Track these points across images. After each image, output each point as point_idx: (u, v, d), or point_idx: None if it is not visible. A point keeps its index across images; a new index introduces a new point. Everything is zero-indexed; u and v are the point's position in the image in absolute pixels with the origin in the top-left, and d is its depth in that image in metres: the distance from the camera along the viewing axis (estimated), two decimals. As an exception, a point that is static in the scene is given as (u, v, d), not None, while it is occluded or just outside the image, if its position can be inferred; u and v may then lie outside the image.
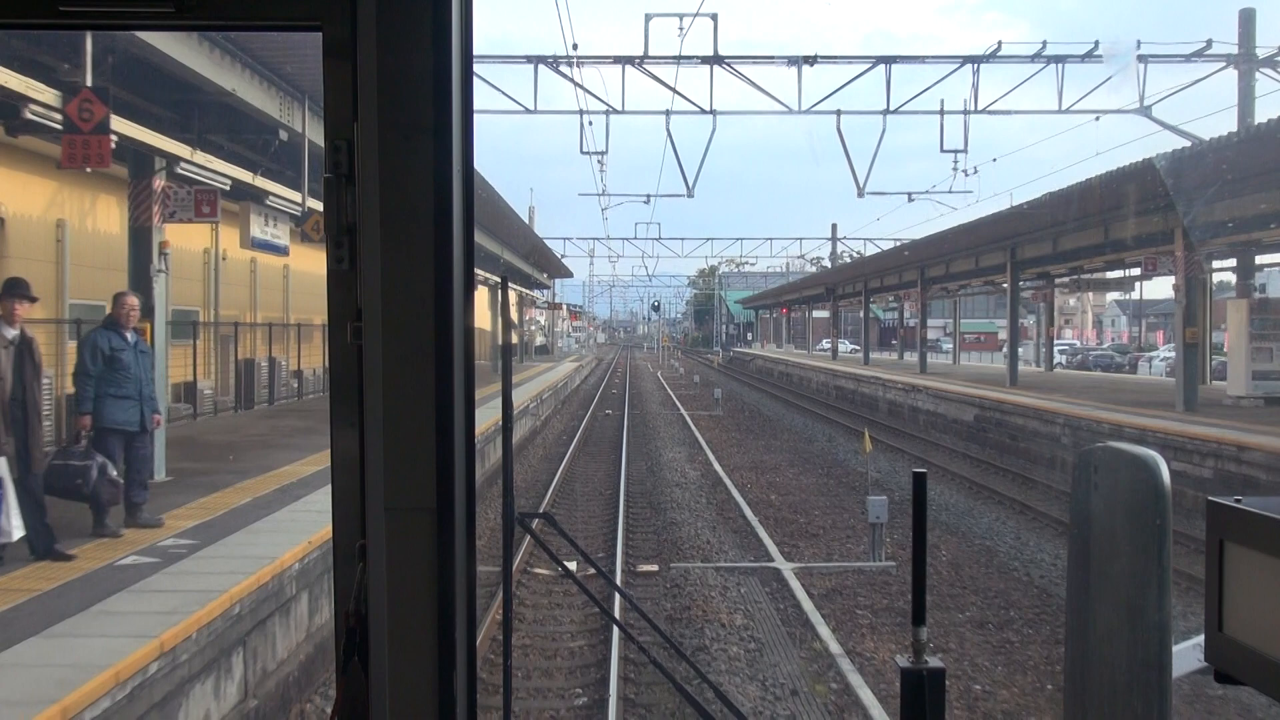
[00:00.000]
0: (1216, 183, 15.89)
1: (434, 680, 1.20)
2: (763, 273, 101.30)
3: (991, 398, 22.89)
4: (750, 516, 14.14)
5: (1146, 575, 1.08)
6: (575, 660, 8.33)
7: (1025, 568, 11.72)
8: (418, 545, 1.19)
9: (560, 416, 29.59)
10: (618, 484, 16.41)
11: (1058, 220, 21.19)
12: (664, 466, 19.19)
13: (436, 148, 1.18)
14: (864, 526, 12.55)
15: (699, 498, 15.88)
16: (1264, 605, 0.95)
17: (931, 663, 1.43)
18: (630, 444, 22.13)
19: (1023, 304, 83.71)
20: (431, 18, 1.17)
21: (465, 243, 1.25)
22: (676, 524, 13.70)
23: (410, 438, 1.19)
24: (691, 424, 26.86)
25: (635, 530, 13.27)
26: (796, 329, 79.30)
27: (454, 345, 1.21)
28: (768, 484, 17.49)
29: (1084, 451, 1.19)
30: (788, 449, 22.47)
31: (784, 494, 16.42)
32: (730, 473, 18.44)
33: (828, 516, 14.62)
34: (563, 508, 14.87)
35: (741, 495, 15.95)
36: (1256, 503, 0.98)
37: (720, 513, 14.69)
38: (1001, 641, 9.02)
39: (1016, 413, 20.78)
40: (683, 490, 16.48)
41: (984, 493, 16.73)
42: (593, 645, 8.60)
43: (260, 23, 1.34)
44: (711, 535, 13.03)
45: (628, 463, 19.15)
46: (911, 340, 70.14)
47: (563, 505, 15.11)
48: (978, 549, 12.69)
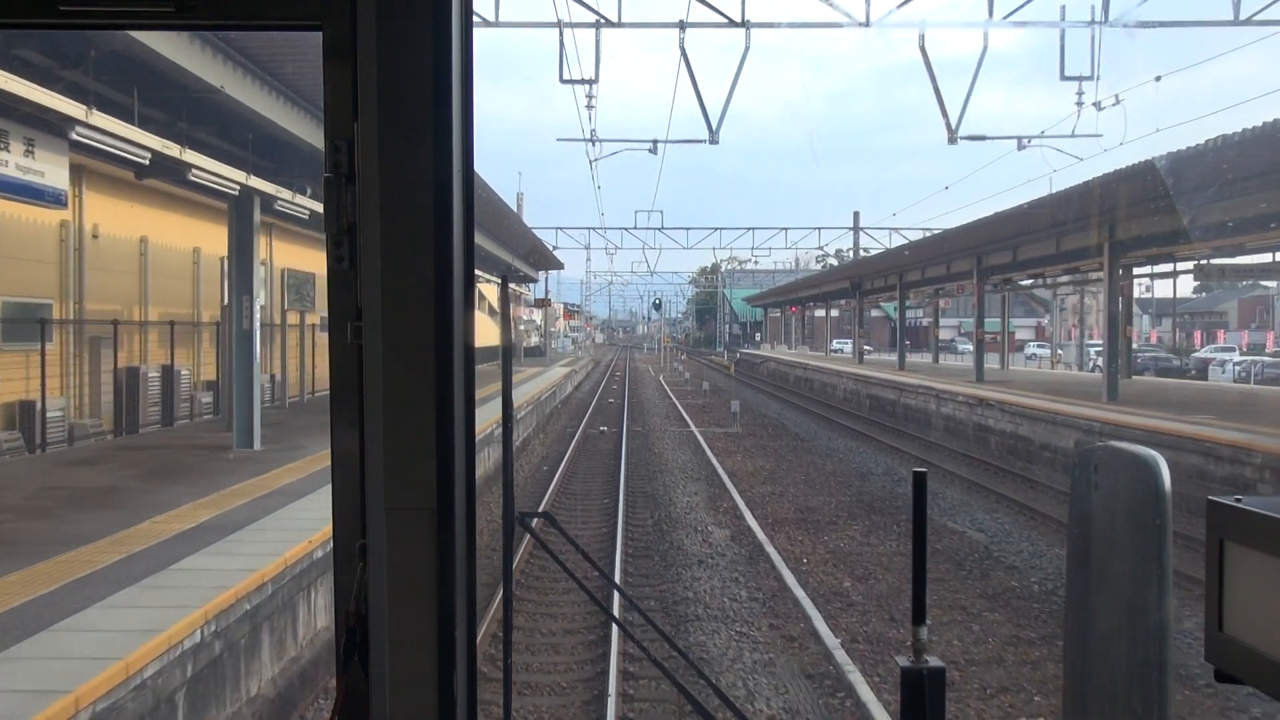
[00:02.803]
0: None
1: (434, 680, 1.19)
2: (769, 270, 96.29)
3: (1101, 419, 17.41)
4: (826, 635, 8.66)
5: (1146, 575, 1.04)
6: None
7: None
8: (418, 545, 1.18)
9: (541, 440, 24.07)
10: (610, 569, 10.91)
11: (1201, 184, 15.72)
12: (676, 523, 13.72)
13: (436, 148, 1.18)
14: (1051, 665, 7.14)
15: (734, 587, 10.44)
16: (1264, 605, 0.96)
17: (931, 662, 1.41)
18: (629, 486, 16.64)
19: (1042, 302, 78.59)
20: (431, 18, 1.17)
21: (465, 243, 1.25)
22: (712, 658, 8.23)
23: (410, 438, 1.18)
24: (706, 447, 21.39)
25: (637, 698, 7.80)
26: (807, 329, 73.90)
27: (454, 345, 1.21)
28: (831, 555, 12.03)
29: (1084, 451, 1.15)
30: (839, 486, 17.00)
31: (863, 578, 10.95)
32: (771, 531, 13.01)
33: (957, 627, 9.17)
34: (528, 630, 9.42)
35: (796, 579, 10.52)
36: (1257, 502, 0.99)
37: (779, 629, 9.21)
38: None
39: (1165, 445, 15.28)
40: (709, 573, 11.03)
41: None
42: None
43: (260, 23, 1.35)
44: (775, 696, 7.58)
45: (625, 520, 13.70)
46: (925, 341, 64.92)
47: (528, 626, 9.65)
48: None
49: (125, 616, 5.53)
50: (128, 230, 18.11)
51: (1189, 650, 7.92)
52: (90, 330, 16.76)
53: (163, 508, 8.48)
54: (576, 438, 22.61)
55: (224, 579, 6.25)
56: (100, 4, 1.22)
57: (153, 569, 6.65)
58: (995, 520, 14.20)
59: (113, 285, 17.79)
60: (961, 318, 79.99)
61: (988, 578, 11.12)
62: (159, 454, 12.73)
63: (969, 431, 23.24)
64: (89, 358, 16.88)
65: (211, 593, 5.94)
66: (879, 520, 14.08)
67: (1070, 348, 53.82)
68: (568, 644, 8.53)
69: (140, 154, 9.84)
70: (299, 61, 12.51)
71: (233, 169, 10.61)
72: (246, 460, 11.55)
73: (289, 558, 6.84)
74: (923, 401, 26.96)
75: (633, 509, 14.59)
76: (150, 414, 17.72)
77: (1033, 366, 48.13)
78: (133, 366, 17.68)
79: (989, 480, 17.53)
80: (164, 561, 6.80)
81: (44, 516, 8.66)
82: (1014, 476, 17.87)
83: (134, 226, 18.28)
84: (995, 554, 12.20)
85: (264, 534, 7.56)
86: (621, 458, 19.30)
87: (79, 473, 11.62)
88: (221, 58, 10.56)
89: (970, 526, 13.82)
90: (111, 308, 17.72)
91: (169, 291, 19.69)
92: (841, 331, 71.60)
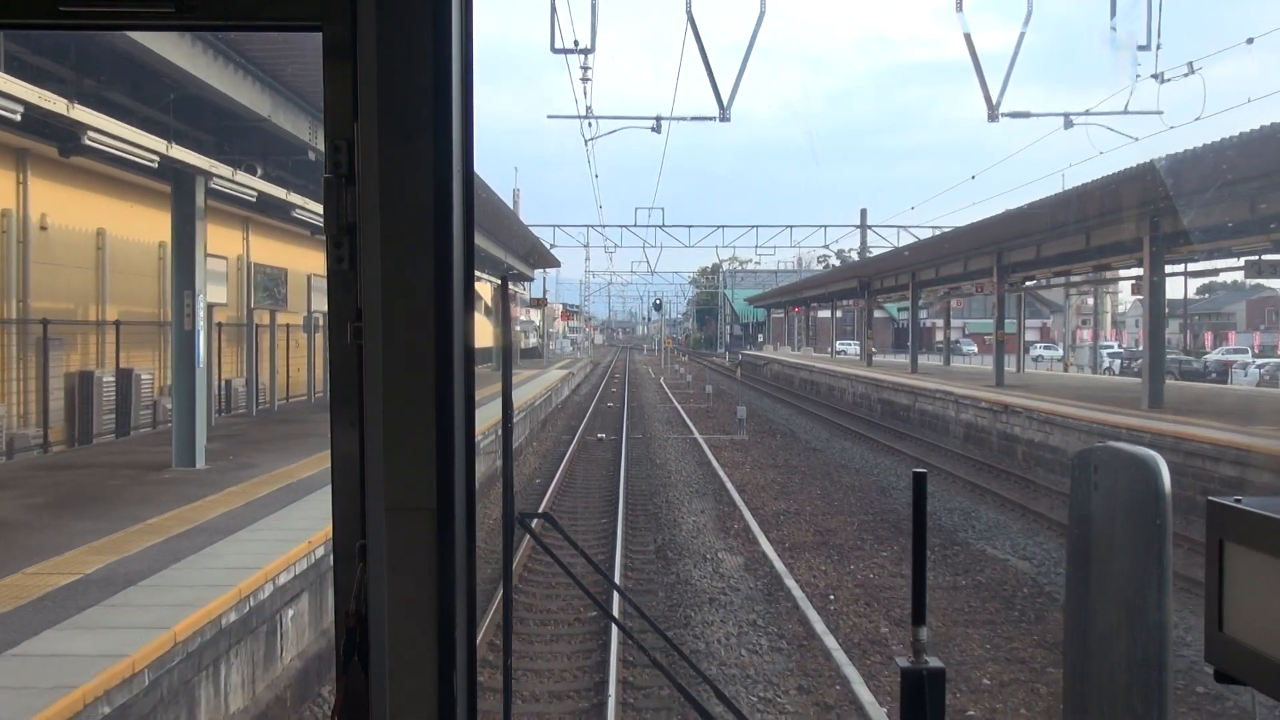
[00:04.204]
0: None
1: (434, 680, 1.19)
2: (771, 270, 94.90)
3: (1142, 428, 15.85)
4: (869, 705, 7.08)
5: (1146, 575, 1.04)
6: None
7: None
8: (418, 545, 1.18)
9: (534, 449, 22.52)
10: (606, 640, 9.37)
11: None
12: (682, 549, 12.15)
13: (436, 148, 1.18)
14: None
15: (753, 633, 8.88)
16: (1264, 605, 0.96)
17: (931, 663, 1.40)
18: (629, 503, 15.08)
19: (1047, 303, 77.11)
20: (431, 18, 1.17)
21: (465, 243, 1.25)
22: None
23: (410, 438, 1.18)
24: (712, 457, 19.83)
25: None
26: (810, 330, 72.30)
27: (454, 345, 1.21)
28: (861, 590, 10.47)
29: (1083, 451, 1.15)
30: (858, 503, 15.43)
31: (902, 620, 9.36)
32: (789, 559, 11.46)
33: (1021, 689, 7.60)
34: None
35: (824, 622, 8.98)
36: (1256, 503, 0.99)
37: (810, 692, 7.64)
38: None
39: (1225, 458, 13.71)
40: (722, 614, 9.46)
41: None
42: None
43: (260, 23, 1.32)
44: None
45: (625, 544, 12.15)
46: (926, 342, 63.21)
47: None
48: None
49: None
50: (82, 221, 16.56)
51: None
52: (36, 332, 15.21)
53: (48, 551, 6.87)
54: (572, 446, 21.05)
55: (75, 673, 4.51)
56: (100, 4, 1.22)
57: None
58: (1039, 546, 12.65)
59: (64, 281, 16.25)
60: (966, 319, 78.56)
61: (1043, 620, 9.58)
62: (85, 474, 11.12)
63: (993, 440, 21.68)
64: (36, 361, 15.32)
65: (45, 698, 4.23)
66: (909, 544, 12.49)
67: (1083, 349, 52.34)
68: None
69: (8, 108, 7.38)
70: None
71: (148, 136, 8.89)
72: (181, 482, 9.94)
73: (186, 628, 5.20)
74: (940, 407, 25.40)
75: (633, 531, 13.05)
76: (106, 423, 16.19)
77: (1043, 369, 46.62)
78: (86, 371, 16.13)
79: (1021, 495, 15.99)
80: (1, 643, 5.09)
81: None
82: (1049, 492, 16.32)
83: (90, 218, 16.73)
84: (1046, 588, 10.65)
85: (160, 593, 5.84)
86: (620, 469, 17.73)
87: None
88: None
89: (1012, 553, 12.28)
90: (63, 306, 16.19)
91: (131, 289, 18.11)
92: (843, 333, 70.05)
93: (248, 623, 5.90)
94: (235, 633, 5.73)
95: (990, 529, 13.74)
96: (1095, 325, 55.85)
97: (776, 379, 51.07)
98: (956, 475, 18.10)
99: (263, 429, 16.43)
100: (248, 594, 5.92)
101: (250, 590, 5.97)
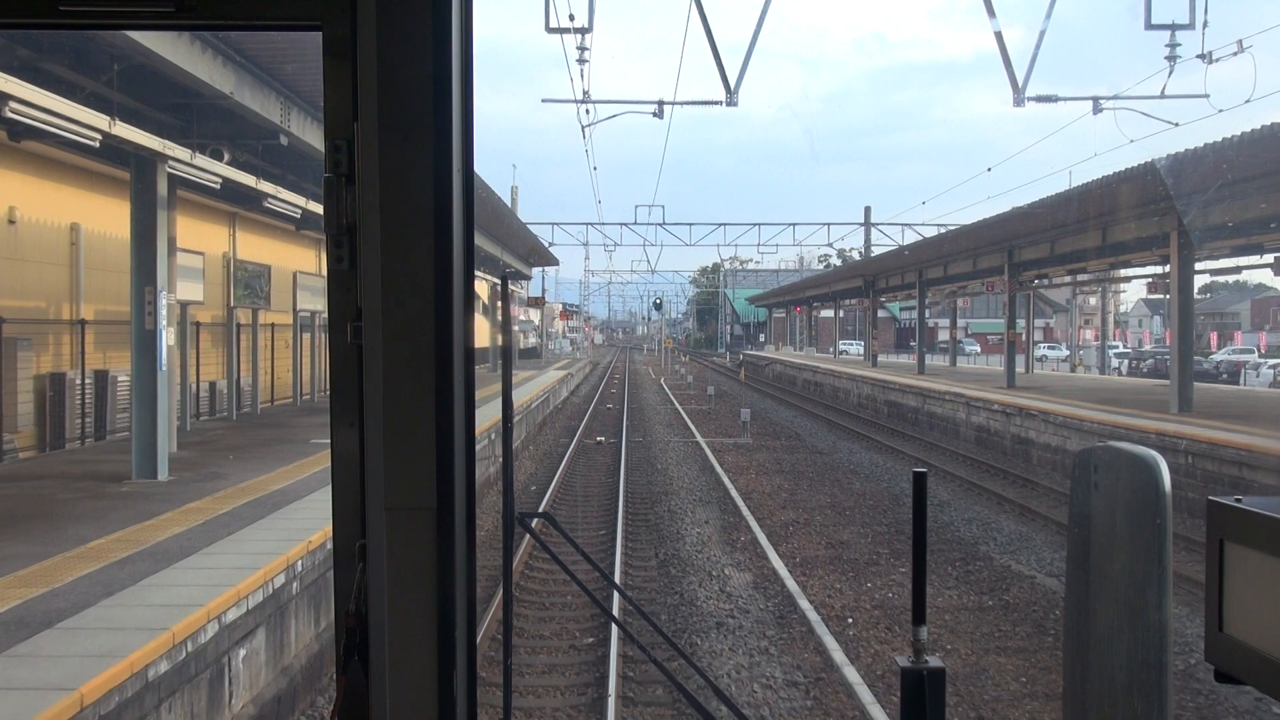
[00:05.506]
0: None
1: (434, 680, 1.18)
2: (772, 270, 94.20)
3: (1176, 434, 15.03)
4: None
5: (1146, 576, 1.02)
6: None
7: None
8: (418, 545, 1.17)
9: (530, 453, 21.69)
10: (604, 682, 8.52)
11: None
12: (686, 565, 11.32)
13: (436, 148, 1.17)
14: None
15: (766, 664, 8.06)
16: (1264, 605, 0.94)
17: (931, 663, 1.39)
18: (629, 511, 14.26)
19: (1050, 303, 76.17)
20: (431, 18, 1.16)
21: (465, 243, 1.24)
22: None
23: (410, 438, 1.17)
24: (715, 463, 19.00)
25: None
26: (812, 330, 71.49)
27: (454, 345, 1.20)
28: (880, 612, 9.66)
29: (1084, 451, 1.13)
30: (870, 512, 14.60)
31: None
32: (801, 576, 10.64)
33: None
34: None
35: (844, 650, 8.17)
36: (1257, 503, 0.98)
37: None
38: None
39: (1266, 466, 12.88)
40: (731, 641, 8.64)
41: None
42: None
43: (260, 22, 1.31)
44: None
45: (625, 560, 11.33)
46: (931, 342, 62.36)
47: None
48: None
49: None
50: (55, 215, 15.74)
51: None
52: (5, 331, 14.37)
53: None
54: (570, 450, 20.22)
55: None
56: (100, 4, 1.21)
57: None
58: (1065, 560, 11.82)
59: (35, 278, 15.42)
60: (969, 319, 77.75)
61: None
62: (38, 486, 10.26)
63: (1006, 444, 20.86)
64: (2, 362, 14.50)
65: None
66: (930, 560, 11.68)
67: (1089, 349, 51.53)
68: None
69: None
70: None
71: (87, 110, 7.95)
72: (138, 497, 9.07)
73: (99, 686, 4.29)
74: (950, 409, 24.57)
75: (633, 544, 12.22)
76: (79, 427, 15.37)
77: (1047, 369, 45.83)
78: (58, 372, 15.30)
79: (1041, 504, 15.16)
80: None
81: None
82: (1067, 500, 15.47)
83: (63, 211, 15.91)
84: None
85: (78, 639, 4.85)
86: (620, 476, 16.91)
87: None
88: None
89: (1038, 569, 11.47)
90: (34, 304, 15.37)
91: (108, 286, 17.27)
92: (845, 333, 69.18)
93: (184, 671, 5.07)
94: (167, 684, 4.88)
95: (1013, 541, 12.93)
96: (1101, 325, 55.03)
97: (779, 380, 50.23)
98: (971, 482, 17.28)
99: (241, 434, 15.60)
100: (184, 638, 5.08)
101: (187, 634, 5.13)
